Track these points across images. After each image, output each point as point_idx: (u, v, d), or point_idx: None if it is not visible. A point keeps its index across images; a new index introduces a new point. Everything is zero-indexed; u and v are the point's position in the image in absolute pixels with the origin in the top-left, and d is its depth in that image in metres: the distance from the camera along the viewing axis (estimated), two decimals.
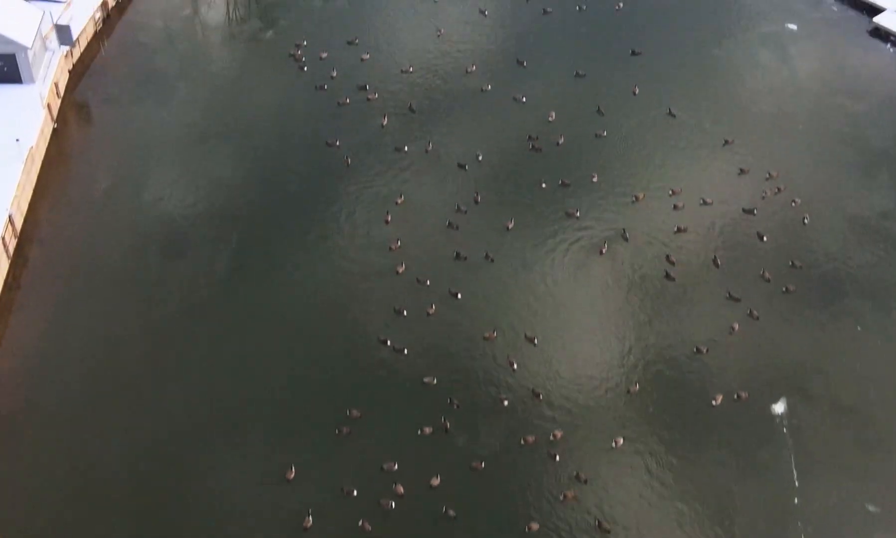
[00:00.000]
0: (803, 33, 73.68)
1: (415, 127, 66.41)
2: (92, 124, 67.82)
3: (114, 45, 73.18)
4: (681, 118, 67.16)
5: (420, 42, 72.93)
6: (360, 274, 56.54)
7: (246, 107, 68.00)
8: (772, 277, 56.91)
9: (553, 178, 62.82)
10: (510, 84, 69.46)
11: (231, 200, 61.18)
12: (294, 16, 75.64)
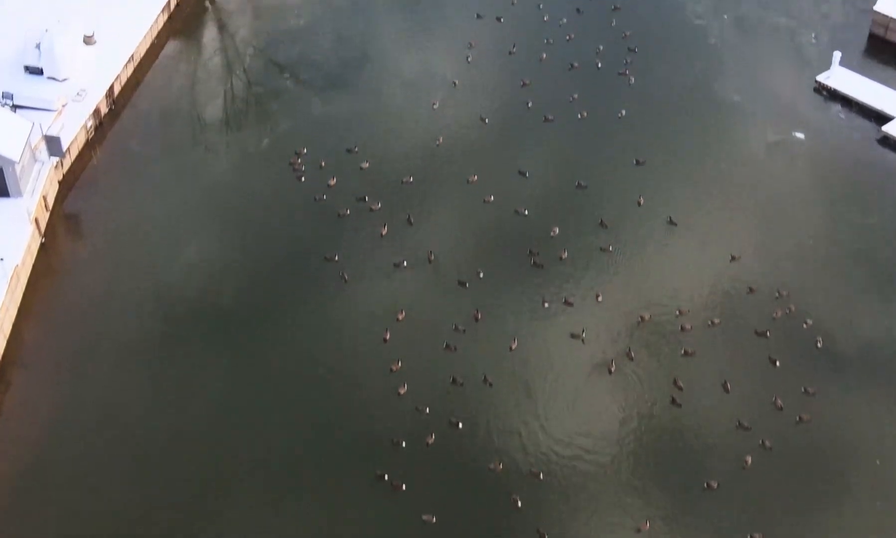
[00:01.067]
0: (811, 142, 72.82)
1: (414, 240, 65.23)
2: (81, 238, 66.81)
3: (106, 153, 72.28)
4: (686, 231, 65.95)
5: (420, 150, 72.00)
6: (358, 400, 54.96)
7: (242, 220, 66.87)
8: (784, 405, 55.17)
9: (556, 296, 61.44)
10: (512, 195, 68.42)
11: (223, 322, 59.77)
12: (292, 122, 74.90)
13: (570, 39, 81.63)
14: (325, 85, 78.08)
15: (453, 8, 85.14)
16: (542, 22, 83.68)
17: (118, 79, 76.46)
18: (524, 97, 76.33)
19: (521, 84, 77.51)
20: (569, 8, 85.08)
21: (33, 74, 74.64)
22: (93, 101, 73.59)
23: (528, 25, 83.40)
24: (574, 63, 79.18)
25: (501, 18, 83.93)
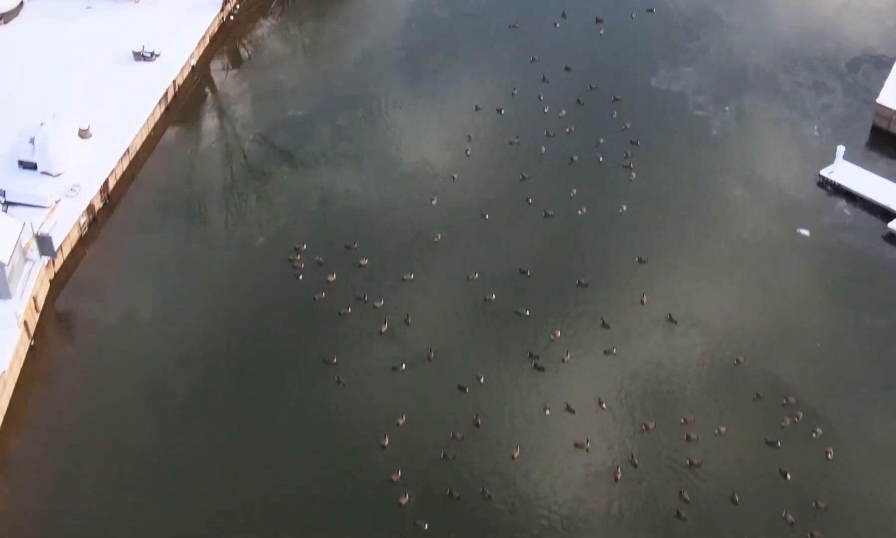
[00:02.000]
0: (816, 239, 71.86)
1: (415, 339, 64.20)
2: (72, 339, 65.71)
3: (99, 250, 71.33)
4: (689, 331, 64.87)
5: (419, 246, 71.10)
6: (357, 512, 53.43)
7: (238, 321, 65.80)
8: (795, 520, 53.56)
9: (558, 403, 60.12)
10: (513, 294, 67.42)
11: (215, 428, 58.41)
12: (290, 217, 74.07)
13: (570, 132, 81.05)
14: (324, 178, 77.38)
15: (453, 99, 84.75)
16: (543, 113, 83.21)
17: (113, 173, 75.78)
18: (524, 192, 75.57)
19: (520, 178, 76.73)
20: (569, 99, 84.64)
21: (27, 169, 74.04)
22: (87, 196, 72.80)
23: (528, 117, 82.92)
24: (574, 156, 78.54)
25: (502, 110, 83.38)
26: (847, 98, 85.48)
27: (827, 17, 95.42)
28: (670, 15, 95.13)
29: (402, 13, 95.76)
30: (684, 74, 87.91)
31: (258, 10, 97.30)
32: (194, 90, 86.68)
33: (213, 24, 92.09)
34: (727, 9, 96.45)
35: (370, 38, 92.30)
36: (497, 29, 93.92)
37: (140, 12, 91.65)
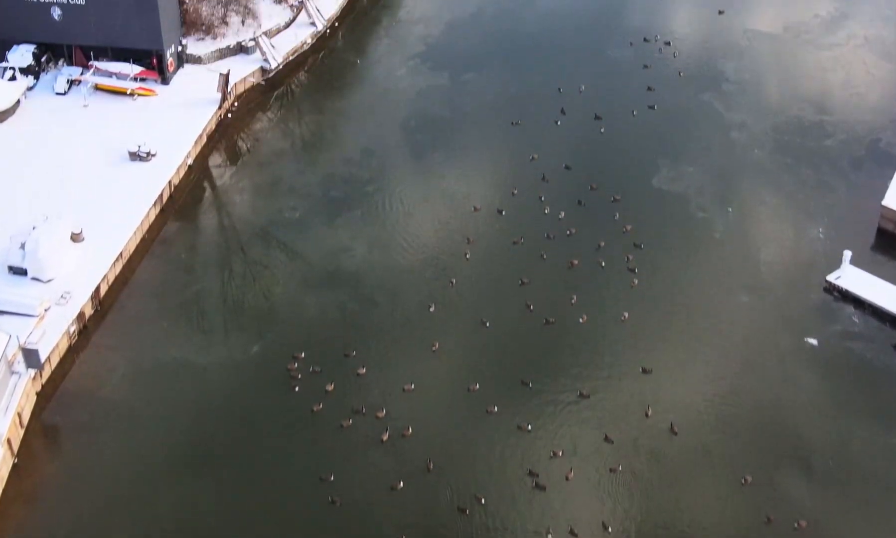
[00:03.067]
0: (825, 349, 69.80)
1: (414, 453, 62.18)
2: (59, 456, 63.52)
3: (89, 361, 69.24)
4: (696, 448, 62.44)
5: (418, 355, 69.10)
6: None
7: (231, 436, 63.52)
8: None
9: (560, 526, 57.69)
10: (515, 406, 65.43)
11: None
12: (286, 325, 72.10)
13: (570, 234, 79.49)
14: (320, 282, 75.59)
15: (452, 200, 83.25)
16: (543, 214, 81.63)
17: (105, 278, 74.00)
18: (524, 297, 73.77)
19: (520, 283, 74.95)
20: (569, 199, 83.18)
21: (17, 275, 72.32)
22: (77, 303, 70.93)
23: (528, 218, 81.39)
24: (574, 260, 76.79)
25: (503, 211, 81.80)
26: (851, 198, 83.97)
27: (829, 113, 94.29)
28: (671, 112, 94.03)
29: (401, 110, 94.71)
30: (686, 174, 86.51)
31: (257, 105, 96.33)
32: (190, 190, 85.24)
33: (210, 122, 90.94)
34: (728, 105, 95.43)
35: (369, 135, 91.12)
36: (497, 126, 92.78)
37: (137, 110, 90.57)
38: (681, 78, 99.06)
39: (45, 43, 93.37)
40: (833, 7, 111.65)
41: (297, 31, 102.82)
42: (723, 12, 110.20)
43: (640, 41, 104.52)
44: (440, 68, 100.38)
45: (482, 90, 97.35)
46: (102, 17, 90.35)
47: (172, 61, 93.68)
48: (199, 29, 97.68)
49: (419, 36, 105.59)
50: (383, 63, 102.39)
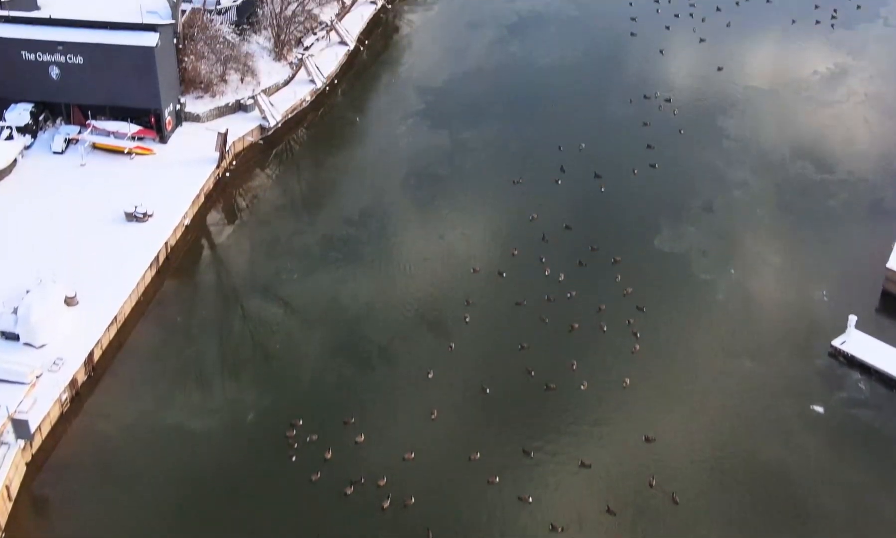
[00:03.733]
0: (831, 417, 68.08)
1: (415, 526, 60.13)
2: (49, 530, 61.57)
3: (81, 429, 67.46)
4: (702, 522, 60.55)
5: (417, 423, 67.32)
6: None
7: (226, 510, 61.62)
8: None
9: None
10: (516, 476, 63.58)
11: None
12: (283, 391, 70.35)
13: (571, 297, 77.90)
14: (317, 347, 74.02)
15: (451, 262, 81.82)
16: (544, 276, 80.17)
17: (99, 343, 72.34)
18: (525, 363, 72.09)
19: (519, 347, 73.36)
20: (570, 260, 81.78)
21: (9, 340, 70.74)
22: (70, 370, 69.27)
23: (528, 280, 79.92)
24: (575, 324, 75.21)
25: (503, 273, 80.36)
26: (855, 259, 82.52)
27: (830, 171, 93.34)
28: (672, 170, 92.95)
29: (400, 168, 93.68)
30: (688, 234, 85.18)
31: (255, 163, 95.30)
32: (187, 250, 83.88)
33: (208, 181, 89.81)
34: (729, 163, 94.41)
35: (368, 195, 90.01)
36: (497, 184, 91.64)
37: (134, 170, 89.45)
38: (681, 135, 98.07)
39: (43, 101, 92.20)
40: (832, 63, 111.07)
41: (296, 88, 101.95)
42: (721, 69, 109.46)
43: (639, 98, 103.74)
44: (439, 126, 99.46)
45: (482, 148, 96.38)
46: (101, 77, 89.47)
47: (171, 120, 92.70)
48: (198, 87, 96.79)
49: (419, 93, 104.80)
50: (383, 120, 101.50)
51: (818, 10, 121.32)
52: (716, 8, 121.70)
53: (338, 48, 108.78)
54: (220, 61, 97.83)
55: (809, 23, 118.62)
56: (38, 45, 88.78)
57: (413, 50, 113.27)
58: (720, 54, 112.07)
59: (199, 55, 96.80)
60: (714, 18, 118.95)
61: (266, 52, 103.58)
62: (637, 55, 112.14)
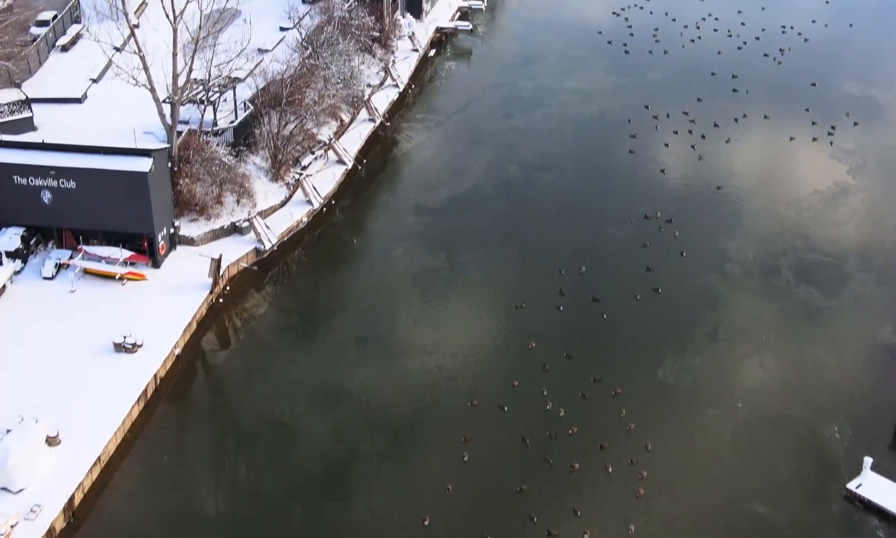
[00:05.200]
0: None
1: None
2: None
3: None
4: None
5: None
6: None
7: None
8: None
9: None
10: None
11: None
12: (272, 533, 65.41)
13: (572, 433, 73.86)
14: (308, 493, 69.71)
15: (448, 395, 77.80)
16: (545, 410, 76.14)
17: (80, 486, 67.95)
18: (525, 507, 67.85)
19: (518, 489, 69.12)
20: (572, 392, 77.89)
21: None
22: (48, 517, 64.91)
23: (529, 415, 75.96)
24: (576, 464, 71.04)
25: (505, 407, 76.26)
26: (866, 394, 78.37)
27: (836, 297, 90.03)
28: (675, 295, 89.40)
29: (397, 292, 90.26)
30: (692, 365, 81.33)
31: (250, 287, 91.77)
32: (177, 382, 79.88)
33: (201, 308, 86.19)
34: (732, 289, 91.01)
35: (364, 322, 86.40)
36: (496, 310, 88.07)
37: (126, 296, 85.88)
38: (683, 258, 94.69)
39: (34, 225, 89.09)
40: (832, 182, 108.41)
41: (292, 209, 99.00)
42: (720, 188, 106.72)
43: (640, 218, 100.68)
44: (437, 248, 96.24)
45: (480, 271, 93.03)
46: (93, 202, 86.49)
47: (164, 244, 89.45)
48: (193, 209, 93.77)
49: (416, 213, 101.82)
50: (380, 242, 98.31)
51: (815, 127, 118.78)
52: (713, 124, 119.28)
53: (335, 167, 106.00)
54: (215, 183, 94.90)
55: (807, 139, 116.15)
56: (30, 169, 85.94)
57: (411, 168, 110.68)
58: (720, 173, 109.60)
59: (194, 177, 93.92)
60: (713, 134, 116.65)
61: (263, 173, 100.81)
62: (636, 173, 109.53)
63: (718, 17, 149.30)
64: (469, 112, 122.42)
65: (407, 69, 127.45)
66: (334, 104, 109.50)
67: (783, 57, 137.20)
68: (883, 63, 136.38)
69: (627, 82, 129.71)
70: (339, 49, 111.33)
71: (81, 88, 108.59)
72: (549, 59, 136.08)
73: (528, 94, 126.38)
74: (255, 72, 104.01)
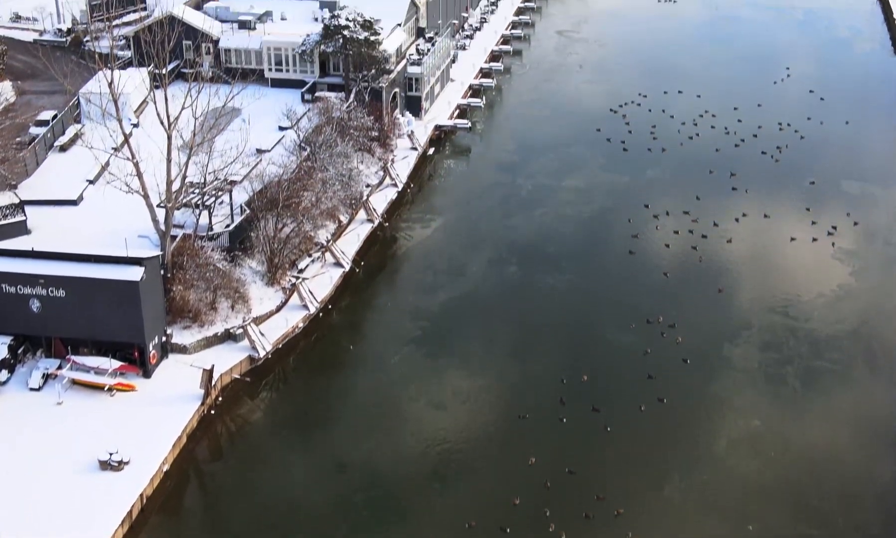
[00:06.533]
0: None
1: None
2: None
3: None
4: None
5: None
6: None
7: None
8: None
9: None
10: None
11: None
12: None
13: None
14: None
15: (445, 517, 73.15)
16: (548, 532, 71.24)
17: None
18: None
19: None
20: (576, 512, 73.44)
21: None
22: None
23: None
24: None
25: (507, 529, 71.50)
26: (885, 508, 73.70)
27: (843, 411, 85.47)
28: (681, 406, 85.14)
29: (394, 404, 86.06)
30: (700, 483, 77.08)
31: (243, 396, 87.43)
32: (164, 501, 75.30)
33: (192, 420, 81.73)
34: (739, 399, 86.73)
35: (359, 436, 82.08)
36: (496, 421, 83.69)
37: (114, 408, 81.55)
38: (687, 365, 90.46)
39: (23, 334, 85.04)
40: (836, 285, 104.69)
41: (288, 315, 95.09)
42: (722, 290, 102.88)
43: (642, 323, 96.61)
44: (435, 355, 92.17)
45: (480, 380, 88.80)
46: (83, 310, 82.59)
47: (155, 353, 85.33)
48: (186, 316, 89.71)
49: (414, 317, 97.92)
50: (378, 348, 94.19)
51: (815, 226, 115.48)
52: (713, 223, 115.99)
53: (333, 270, 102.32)
54: (210, 289, 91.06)
55: (808, 239, 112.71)
56: (18, 278, 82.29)
57: (409, 270, 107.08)
58: (722, 274, 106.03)
59: (188, 284, 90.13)
60: (714, 234, 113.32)
61: (259, 277, 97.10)
62: (637, 275, 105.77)
63: (715, 113, 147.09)
64: (468, 210, 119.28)
65: (406, 168, 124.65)
66: (332, 206, 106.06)
67: (781, 155, 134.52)
68: (880, 161, 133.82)
69: (626, 180, 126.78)
70: (337, 151, 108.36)
71: (77, 190, 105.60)
72: (547, 156, 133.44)
73: (526, 193, 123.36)
74: (252, 174, 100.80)
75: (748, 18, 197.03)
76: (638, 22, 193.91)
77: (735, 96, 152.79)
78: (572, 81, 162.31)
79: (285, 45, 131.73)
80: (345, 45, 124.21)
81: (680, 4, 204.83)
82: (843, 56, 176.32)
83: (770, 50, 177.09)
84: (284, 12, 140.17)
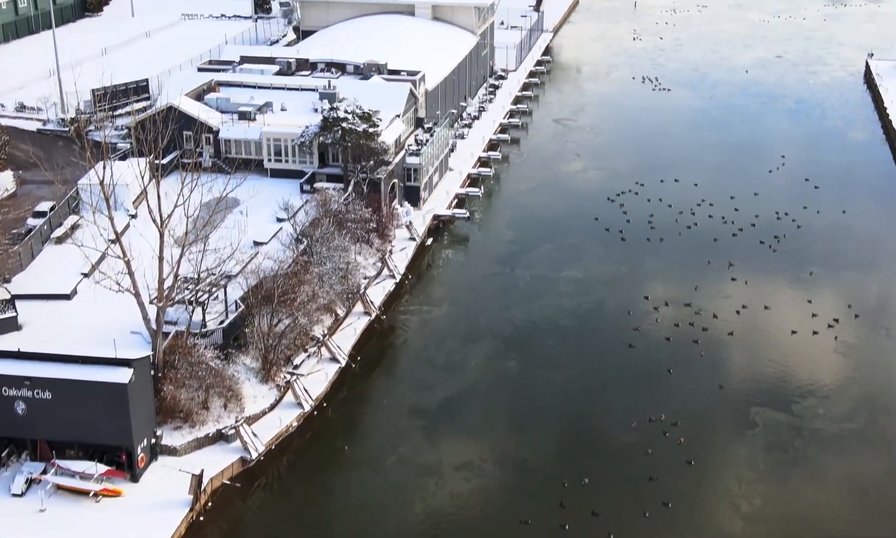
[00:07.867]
0: None
1: None
2: None
3: None
4: None
5: None
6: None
7: None
8: None
9: None
10: None
11: None
12: None
13: None
14: None
15: None
16: None
17: None
18: None
19: None
20: None
21: None
22: None
23: None
24: None
25: None
26: None
27: (855, 509, 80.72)
28: (687, 513, 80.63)
29: (390, 508, 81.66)
30: None
31: (234, 499, 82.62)
32: None
33: (179, 527, 76.86)
34: (747, 505, 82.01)
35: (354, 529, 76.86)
36: (496, 526, 78.69)
37: (98, 516, 76.86)
38: (691, 467, 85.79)
39: (7, 436, 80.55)
40: (840, 380, 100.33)
41: (281, 414, 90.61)
42: (722, 388, 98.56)
43: (644, 421, 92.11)
44: (432, 456, 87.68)
45: (478, 483, 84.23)
46: (69, 413, 78.24)
47: (144, 456, 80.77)
48: (177, 416, 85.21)
49: (411, 414, 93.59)
50: (373, 448, 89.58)
51: (816, 319, 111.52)
52: (713, 315, 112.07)
53: (328, 366, 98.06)
54: (202, 388, 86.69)
55: (809, 333, 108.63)
56: (3, 379, 78.11)
57: (407, 365, 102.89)
58: (723, 370, 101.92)
59: (179, 383, 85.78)
60: (714, 326, 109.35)
61: (252, 374, 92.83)
62: (638, 370, 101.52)
63: (713, 202, 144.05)
64: (466, 302, 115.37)
65: (404, 259, 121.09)
66: (330, 300, 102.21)
67: (779, 244, 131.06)
68: (879, 251, 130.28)
69: (625, 271, 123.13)
70: (334, 245, 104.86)
71: (71, 284, 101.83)
72: (546, 246, 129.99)
73: (525, 284, 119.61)
74: (247, 269, 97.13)
75: (742, 106, 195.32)
76: (633, 109, 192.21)
77: (731, 185, 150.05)
78: (570, 169, 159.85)
79: (284, 135, 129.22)
80: (343, 137, 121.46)
81: (674, 92, 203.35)
82: (837, 144, 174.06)
83: (764, 138, 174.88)
84: (285, 103, 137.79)
